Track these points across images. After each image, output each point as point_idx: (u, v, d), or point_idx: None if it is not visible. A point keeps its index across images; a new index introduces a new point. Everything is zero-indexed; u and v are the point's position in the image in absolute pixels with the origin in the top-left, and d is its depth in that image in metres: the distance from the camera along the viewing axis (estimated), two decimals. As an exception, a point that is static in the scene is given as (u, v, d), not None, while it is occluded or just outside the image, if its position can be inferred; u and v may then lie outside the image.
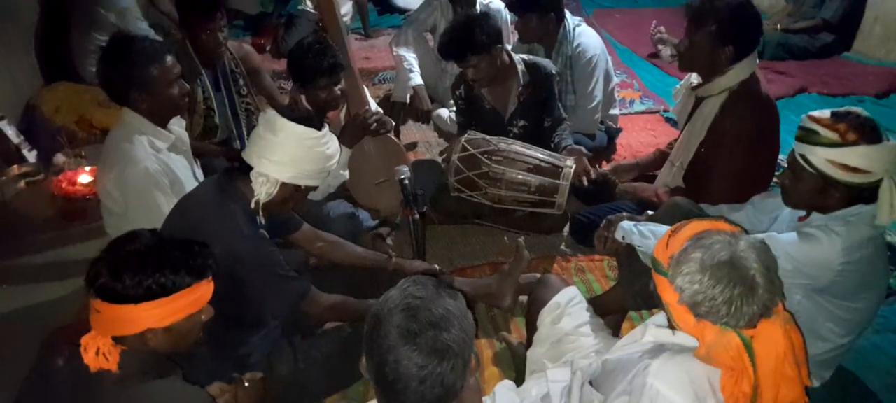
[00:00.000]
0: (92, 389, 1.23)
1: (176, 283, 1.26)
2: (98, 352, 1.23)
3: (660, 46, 4.79)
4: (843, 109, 1.63)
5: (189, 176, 2.18)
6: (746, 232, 1.36)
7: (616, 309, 2.04)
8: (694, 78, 2.41)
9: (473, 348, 1.16)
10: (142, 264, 1.24)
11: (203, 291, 1.31)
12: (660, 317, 1.40)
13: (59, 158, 3.17)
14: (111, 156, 2.07)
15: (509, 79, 2.77)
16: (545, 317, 1.81)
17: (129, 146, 2.01)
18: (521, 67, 2.77)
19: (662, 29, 4.81)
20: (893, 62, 4.55)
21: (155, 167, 2.01)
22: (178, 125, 2.22)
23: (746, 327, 1.22)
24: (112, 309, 1.22)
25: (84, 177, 3.00)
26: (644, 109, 4.05)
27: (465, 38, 2.59)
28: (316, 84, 2.47)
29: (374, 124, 2.56)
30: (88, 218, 2.83)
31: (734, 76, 2.23)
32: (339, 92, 2.52)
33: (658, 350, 1.30)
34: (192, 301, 1.29)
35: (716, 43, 2.19)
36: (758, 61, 2.27)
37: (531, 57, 2.85)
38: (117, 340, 1.25)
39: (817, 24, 4.61)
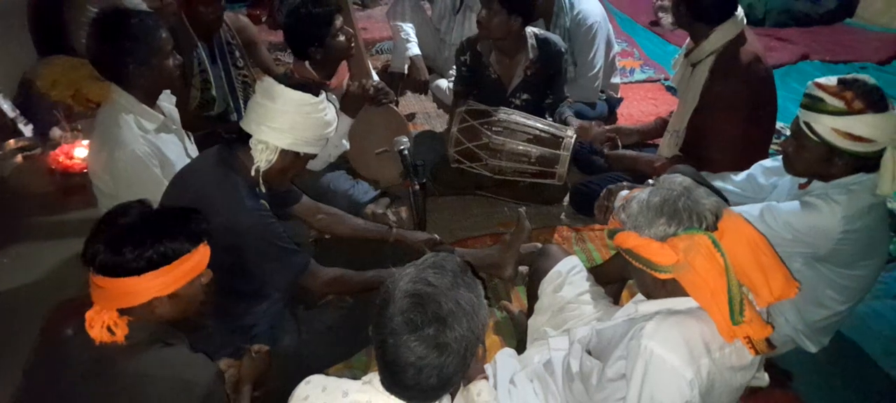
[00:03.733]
0: (104, 358, 1.24)
1: (176, 251, 1.27)
2: (104, 326, 1.23)
3: (661, 14, 4.73)
4: (849, 77, 1.62)
5: (181, 154, 2.15)
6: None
7: (616, 278, 2.05)
8: (687, 44, 2.40)
9: (482, 340, 1.15)
10: (140, 235, 1.25)
11: (201, 255, 1.33)
12: None
13: (56, 132, 3.15)
14: (99, 138, 2.05)
15: (518, 52, 2.72)
16: (546, 286, 1.82)
17: (116, 129, 1.97)
18: (531, 42, 2.71)
19: (663, -5, 4.75)
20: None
21: (143, 149, 1.98)
22: (168, 101, 2.18)
23: (708, 229, 1.24)
24: (115, 283, 1.23)
25: (81, 151, 2.99)
26: (645, 78, 4.02)
27: None
28: (321, 37, 2.43)
29: (376, 93, 2.54)
30: (87, 192, 2.82)
31: (719, 38, 2.24)
32: (344, 35, 2.48)
33: (652, 316, 1.32)
34: (193, 265, 1.30)
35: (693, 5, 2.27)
36: (744, 23, 2.28)
37: (543, 32, 2.80)
38: (123, 312, 1.26)
39: (820, -10, 4.57)
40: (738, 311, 1.19)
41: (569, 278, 1.80)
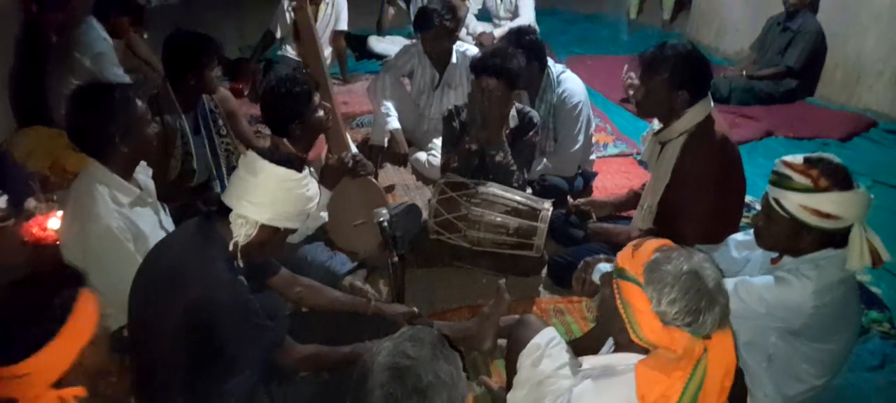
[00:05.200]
0: None
1: (69, 297, 1.25)
2: None
3: (631, 92, 4.89)
4: (815, 155, 1.69)
5: (155, 226, 2.13)
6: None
7: (596, 350, 2.04)
8: (656, 123, 2.48)
9: None
10: (28, 306, 1.23)
11: (87, 293, 1.30)
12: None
13: (31, 203, 3.10)
14: (72, 210, 2.03)
15: (507, 102, 2.81)
16: (525, 360, 1.80)
17: (90, 201, 1.95)
18: (512, 112, 2.82)
19: (633, 74, 4.92)
20: (855, 107, 4.72)
21: (117, 223, 1.96)
22: (144, 173, 2.17)
23: (706, 337, 1.26)
24: (34, 362, 1.20)
25: (54, 222, 2.93)
26: (617, 152, 4.13)
27: (509, 59, 2.65)
28: (300, 114, 2.46)
29: (354, 165, 2.57)
30: (60, 263, 2.77)
31: (690, 118, 2.31)
32: (322, 109, 2.52)
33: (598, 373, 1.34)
34: (90, 305, 1.29)
35: (670, 89, 2.29)
36: (712, 105, 2.36)
37: (523, 106, 2.92)
38: (57, 384, 1.23)
39: (781, 71, 4.78)
40: None
41: (547, 351, 1.78)
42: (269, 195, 1.63)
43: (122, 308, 1.81)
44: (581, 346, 1.96)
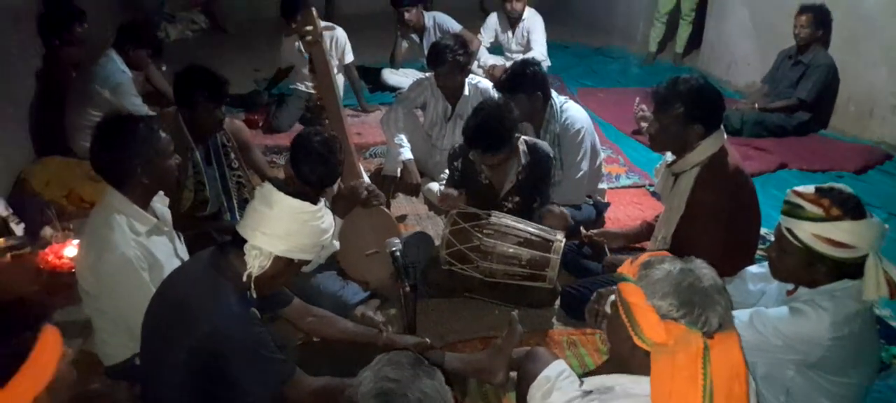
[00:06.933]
0: None
1: (25, 344, 1.16)
2: None
3: (643, 124, 4.90)
4: (827, 185, 1.68)
5: (170, 255, 2.15)
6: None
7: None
8: (669, 155, 2.48)
9: None
10: None
11: (50, 335, 1.21)
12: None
13: (47, 232, 3.15)
14: (88, 238, 2.05)
15: (511, 157, 2.82)
16: (535, 392, 1.78)
17: (108, 231, 1.97)
18: (523, 148, 2.82)
19: (645, 107, 4.95)
20: (868, 139, 4.69)
21: (133, 253, 1.98)
22: (161, 203, 2.20)
23: (706, 334, 1.24)
24: None
25: (70, 251, 2.97)
26: (630, 184, 4.13)
27: (498, 133, 2.61)
28: (334, 176, 2.51)
29: (367, 195, 2.58)
30: (71, 291, 2.79)
31: (703, 151, 2.31)
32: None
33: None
34: (50, 349, 1.19)
35: (684, 123, 2.29)
36: (725, 136, 2.36)
37: (532, 139, 2.92)
38: None
39: (793, 104, 4.77)
40: None
41: (557, 383, 1.76)
42: (283, 227, 1.63)
43: (134, 336, 1.82)
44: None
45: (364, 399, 1.07)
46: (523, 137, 2.86)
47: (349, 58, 4.89)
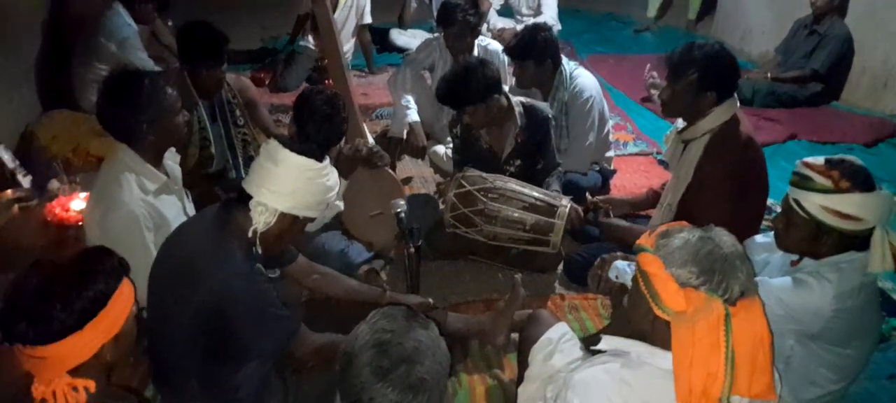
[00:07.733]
0: None
1: (105, 292, 1.24)
2: (64, 397, 1.19)
3: (652, 91, 4.86)
4: (837, 157, 1.67)
5: (179, 213, 2.15)
6: None
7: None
8: (680, 122, 2.46)
9: (449, 376, 1.15)
10: (63, 292, 1.20)
11: (126, 287, 1.30)
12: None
13: (54, 185, 3.15)
14: (97, 194, 2.06)
15: (507, 120, 2.80)
16: (536, 354, 1.80)
17: (116, 188, 1.98)
18: (518, 110, 2.80)
19: (655, 74, 4.89)
20: (881, 112, 4.63)
21: (139, 211, 1.98)
22: (171, 159, 2.20)
23: (728, 302, 1.23)
24: (57, 348, 1.19)
25: (77, 203, 2.98)
26: (637, 151, 4.10)
27: (463, 88, 2.64)
28: (340, 134, 2.51)
29: (369, 155, 2.58)
30: (80, 244, 2.81)
31: (715, 118, 2.28)
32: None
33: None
34: (125, 300, 1.28)
35: (698, 90, 2.26)
36: (738, 105, 2.33)
37: (528, 100, 2.89)
38: (73, 372, 1.22)
39: (806, 74, 4.70)
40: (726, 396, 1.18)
41: (559, 345, 1.78)
42: (289, 184, 1.64)
43: (139, 291, 1.83)
44: (594, 342, 1.96)
45: (360, 351, 1.09)
46: (519, 99, 2.84)
47: (367, 19, 4.82)
